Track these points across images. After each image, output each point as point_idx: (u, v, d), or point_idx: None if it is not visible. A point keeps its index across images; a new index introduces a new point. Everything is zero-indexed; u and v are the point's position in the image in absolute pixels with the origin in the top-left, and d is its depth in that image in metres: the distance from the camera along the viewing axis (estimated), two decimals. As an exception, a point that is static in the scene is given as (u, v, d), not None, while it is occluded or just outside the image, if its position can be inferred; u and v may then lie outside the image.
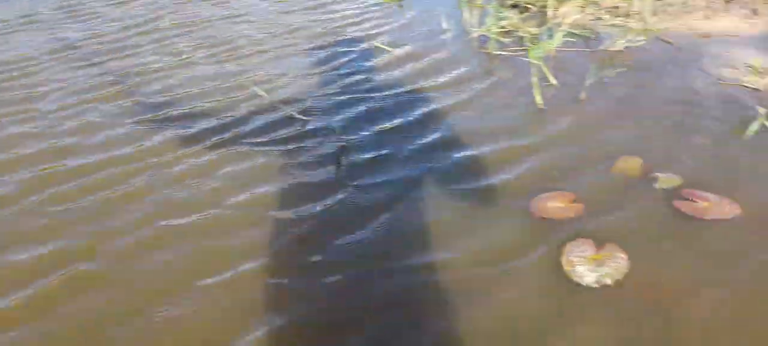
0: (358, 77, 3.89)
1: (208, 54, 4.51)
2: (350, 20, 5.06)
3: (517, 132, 3.07)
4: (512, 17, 4.55)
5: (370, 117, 3.33)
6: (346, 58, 4.21)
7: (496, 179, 2.68)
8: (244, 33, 4.95)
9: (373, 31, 4.75)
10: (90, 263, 2.35)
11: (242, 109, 3.54)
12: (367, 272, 2.20)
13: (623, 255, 2.15)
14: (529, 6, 4.87)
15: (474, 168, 2.78)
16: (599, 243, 2.20)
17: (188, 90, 3.88)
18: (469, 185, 2.66)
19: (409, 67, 4.00)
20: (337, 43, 4.53)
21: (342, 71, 4.01)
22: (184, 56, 4.49)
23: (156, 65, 4.36)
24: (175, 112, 3.56)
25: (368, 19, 5.05)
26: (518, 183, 2.63)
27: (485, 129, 3.11)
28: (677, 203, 2.40)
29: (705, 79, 3.46)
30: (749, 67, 3.51)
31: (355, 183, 2.74)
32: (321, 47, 4.46)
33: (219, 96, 3.76)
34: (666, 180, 2.56)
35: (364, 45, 4.46)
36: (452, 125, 3.18)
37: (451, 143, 3.00)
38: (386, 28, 4.82)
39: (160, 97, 3.80)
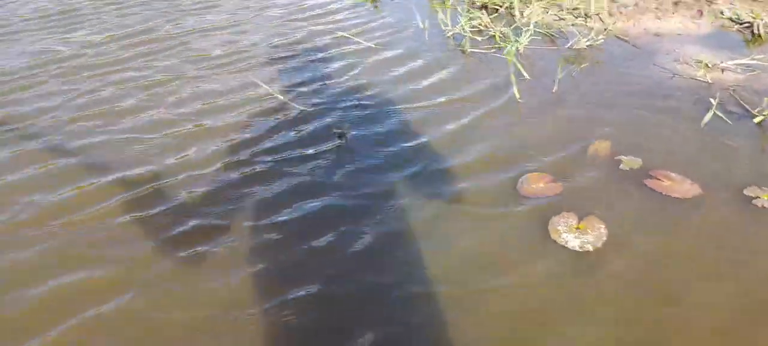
0: (356, 76, 4.09)
1: (207, 66, 4.43)
2: (336, 24, 5.20)
3: (501, 122, 3.35)
4: (482, 17, 4.85)
5: (369, 116, 3.52)
6: (341, 62, 4.35)
7: (485, 165, 2.94)
8: (243, 43, 4.93)
9: (360, 33, 4.92)
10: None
11: (255, 124, 3.52)
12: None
13: (602, 225, 2.45)
14: (496, 7, 5.18)
15: (464, 156, 3.02)
16: (581, 216, 2.49)
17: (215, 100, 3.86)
18: (462, 171, 2.91)
19: (398, 65, 4.22)
20: (330, 49, 4.64)
21: (340, 73, 4.16)
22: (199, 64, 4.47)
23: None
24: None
25: (352, 23, 5.22)
26: (506, 167, 2.90)
27: (471, 121, 3.38)
28: (647, 182, 2.71)
29: (661, 73, 3.82)
30: (699, 62, 3.90)
31: (353, 170, 2.97)
32: (317, 56, 4.51)
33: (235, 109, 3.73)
34: (629, 162, 2.88)
35: (357, 47, 4.62)
36: (441, 119, 3.42)
37: (441, 135, 3.24)
38: (370, 29, 5.03)
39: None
